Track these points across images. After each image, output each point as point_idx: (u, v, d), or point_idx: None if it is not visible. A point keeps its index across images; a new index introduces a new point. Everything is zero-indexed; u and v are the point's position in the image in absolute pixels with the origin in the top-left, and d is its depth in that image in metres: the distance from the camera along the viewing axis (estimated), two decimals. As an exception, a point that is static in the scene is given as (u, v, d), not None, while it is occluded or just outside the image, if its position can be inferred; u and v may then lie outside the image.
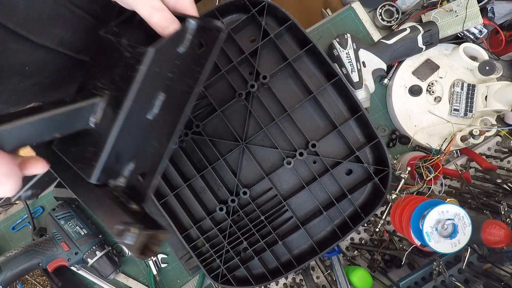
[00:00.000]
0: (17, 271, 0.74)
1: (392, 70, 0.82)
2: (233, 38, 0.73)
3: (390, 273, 0.76)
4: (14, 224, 0.85)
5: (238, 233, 0.74)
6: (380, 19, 0.83)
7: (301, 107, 0.75)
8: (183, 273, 0.84)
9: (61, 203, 0.80)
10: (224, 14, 0.75)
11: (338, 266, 0.73)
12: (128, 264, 0.85)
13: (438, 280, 0.63)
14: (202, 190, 0.78)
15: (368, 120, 0.71)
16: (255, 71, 0.73)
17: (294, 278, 0.81)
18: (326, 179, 0.75)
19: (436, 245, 0.53)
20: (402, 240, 0.75)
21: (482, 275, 0.59)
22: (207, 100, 0.75)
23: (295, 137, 0.75)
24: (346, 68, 0.75)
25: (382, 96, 0.84)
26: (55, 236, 0.77)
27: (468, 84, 0.76)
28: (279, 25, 0.74)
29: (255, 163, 0.74)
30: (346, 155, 0.76)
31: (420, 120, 0.79)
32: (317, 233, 0.77)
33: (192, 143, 0.75)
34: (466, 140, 0.74)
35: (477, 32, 0.78)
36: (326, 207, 0.74)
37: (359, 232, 0.81)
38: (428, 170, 0.68)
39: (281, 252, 0.77)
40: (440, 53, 0.79)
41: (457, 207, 0.52)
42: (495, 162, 0.79)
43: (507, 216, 0.60)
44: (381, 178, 0.72)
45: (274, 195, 0.76)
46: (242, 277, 0.76)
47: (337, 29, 0.85)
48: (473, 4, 0.74)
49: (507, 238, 0.52)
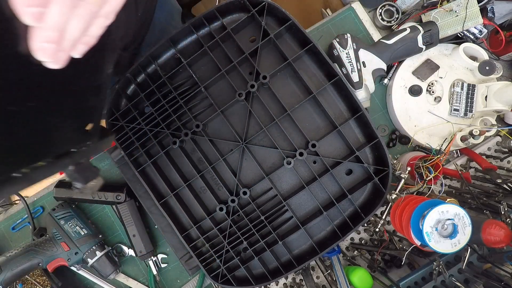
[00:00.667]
0: (17, 271, 0.74)
1: (392, 70, 0.82)
2: (233, 38, 0.73)
3: (390, 273, 0.76)
4: (14, 224, 0.85)
5: (238, 233, 0.74)
6: (380, 19, 0.83)
7: (301, 107, 0.75)
8: (183, 273, 0.84)
9: (61, 203, 0.80)
10: (224, 14, 0.75)
11: (338, 266, 0.73)
12: (128, 264, 0.85)
13: (438, 280, 0.63)
14: (202, 190, 0.78)
15: (368, 120, 0.71)
16: (255, 71, 0.73)
17: (294, 278, 0.81)
18: (326, 179, 0.75)
19: (436, 245, 0.53)
20: (402, 240, 0.75)
21: (482, 275, 0.59)
22: (207, 100, 0.75)
23: (295, 137, 0.75)
24: (346, 68, 0.76)
25: (382, 96, 0.84)
26: (55, 236, 0.77)
27: (468, 84, 0.76)
28: (279, 25, 0.74)
29: (255, 163, 0.74)
30: (346, 155, 0.76)
31: (420, 120, 0.79)
32: (317, 233, 0.76)
33: (192, 143, 0.75)
34: (466, 140, 0.74)
35: (477, 32, 0.78)
36: (326, 207, 0.74)
37: (359, 232, 0.81)
38: (428, 170, 0.68)
39: (281, 252, 0.77)
40: (440, 53, 0.79)
41: (457, 207, 0.52)
42: (495, 162, 0.79)
43: (507, 216, 0.60)
44: (381, 178, 0.72)
45: (274, 195, 0.76)
46: (242, 277, 0.76)
47: (337, 29, 0.85)
48: (473, 4, 0.74)
49: (507, 238, 0.52)
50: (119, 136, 0.75)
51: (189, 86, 0.76)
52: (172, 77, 0.77)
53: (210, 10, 0.72)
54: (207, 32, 0.76)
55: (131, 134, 0.75)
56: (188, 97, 0.74)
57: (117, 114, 0.75)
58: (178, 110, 0.75)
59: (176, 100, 0.74)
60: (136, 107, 0.77)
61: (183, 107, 0.74)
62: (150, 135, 0.75)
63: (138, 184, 0.78)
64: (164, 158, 0.75)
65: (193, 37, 0.77)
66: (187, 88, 0.76)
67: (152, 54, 0.75)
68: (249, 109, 0.74)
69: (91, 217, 0.85)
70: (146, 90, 0.75)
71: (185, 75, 0.77)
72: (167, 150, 0.76)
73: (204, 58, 0.77)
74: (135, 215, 0.80)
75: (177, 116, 0.74)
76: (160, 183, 0.76)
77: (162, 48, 0.75)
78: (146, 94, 0.75)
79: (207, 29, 0.76)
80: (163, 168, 0.78)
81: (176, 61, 0.76)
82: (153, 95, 0.75)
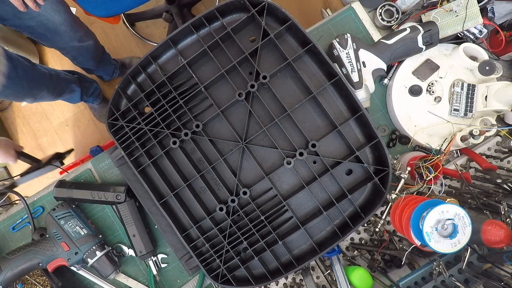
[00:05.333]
0: (17, 271, 0.74)
1: (392, 70, 0.82)
2: (233, 38, 0.73)
3: (390, 273, 0.76)
4: (14, 224, 0.85)
5: (238, 233, 0.74)
6: (380, 19, 0.83)
7: (301, 107, 0.75)
8: (183, 273, 0.84)
9: (61, 203, 0.80)
10: (224, 14, 0.75)
11: (338, 266, 0.73)
12: (128, 264, 0.85)
13: (438, 280, 0.63)
14: (202, 190, 0.78)
15: (368, 120, 0.71)
16: (255, 71, 0.73)
17: (294, 278, 0.81)
18: (326, 179, 0.75)
19: (436, 245, 0.53)
20: (402, 240, 0.75)
21: (482, 275, 0.59)
22: (207, 100, 0.75)
23: (295, 137, 0.75)
24: (346, 68, 0.76)
25: (382, 96, 0.84)
26: (55, 236, 0.77)
27: (468, 84, 0.76)
28: (279, 25, 0.74)
29: (255, 163, 0.74)
30: (346, 155, 0.76)
31: (420, 120, 0.79)
32: (317, 233, 0.76)
33: (192, 143, 0.75)
34: (466, 140, 0.74)
35: (477, 32, 0.78)
36: (326, 207, 0.74)
37: (359, 232, 0.81)
38: (428, 170, 0.68)
39: (281, 252, 0.77)
40: (440, 53, 0.79)
41: (457, 207, 0.52)
42: (495, 162, 0.79)
43: (507, 216, 0.60)
44: (381, 178, 0.72)
45: (274, 195, 0.76)
46: (242, 277, 0.76)
47: (337, 29, 0.85)
48: (473, 4, 0.74)
49: (507, 238, 0.52)
50: (119, 136, 0.75)
51: (189, 86, 0.76)
52: (172, 77, 0.77)
53: (210, 10, 0.72)
54: (207, 32, 0.76)
55: (131, 134, 0.75)
56: (188, 97, 0.74)
57: (117, 114, 0.75)
58: (178, 110, 0.75)
59: (176, 100, 0.74)
60: (136, 107, 0.77)
61: (183, 107, 0.74)
62: (150, 135, 0.75)
63: (138, 184, 0.78)
64: (164, 158, 0.75)
65: (193, 37, 0.77)
66: (187, 88, 0.75)
67: (152, 54, 0.75)
68: (249, 109, 0.74)
69: (91, 217, 0.85)
70: (146, 90, 0.75)
71: (185, 75, 0.77)
72: (167, 150, 0.76)
73: (204, 58, 0.77)
74: (135, 215, 0.80)
75: (177, 116, 0.74)
76: (160, 183, 0.76)
77: (162, 48, 0.75)
78: (146, 94, 0.75)
79: (207, 29, 0.76)
80: (163, 168, 0.78)
81: (176, 61, 0.76)
82: (153, 95, 0.75)
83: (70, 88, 1.34)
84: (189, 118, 0.75)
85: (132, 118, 0.76)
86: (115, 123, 0.76)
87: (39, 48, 1.78)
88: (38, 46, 1.77)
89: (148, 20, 1.75)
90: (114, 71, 1.62)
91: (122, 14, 1.68)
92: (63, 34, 1.10)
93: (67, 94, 1.35)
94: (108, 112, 0.76)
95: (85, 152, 1.69)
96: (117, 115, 0.75)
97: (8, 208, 0.88)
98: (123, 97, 0.77)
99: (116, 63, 1.62)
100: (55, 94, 1.26)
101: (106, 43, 1.76)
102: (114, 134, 0.76)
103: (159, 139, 0.76)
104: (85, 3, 1.07)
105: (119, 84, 0.75)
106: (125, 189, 0.79)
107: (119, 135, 0.75)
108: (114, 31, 1.79)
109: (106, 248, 0.80)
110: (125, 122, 0.75)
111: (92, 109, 1.72)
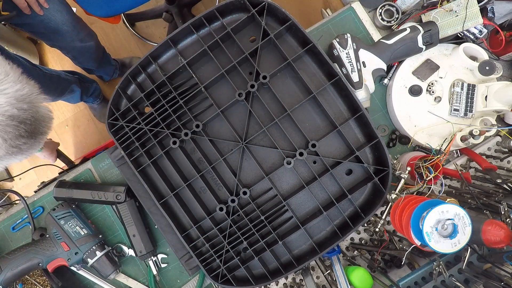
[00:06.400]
0: (17, 271, 0.74)
1: (392, 70, 0.82)
2: (233, 38, 0.73)
3: (390, 273, 0.76)
4: (14, 224, 0.85)
5: (238, 233, 0.74)
6: (380, 19, 0.83)
7: (301, 107, 0.75)
8: (183, 273, 0.84)
9: (61, 203, 0.80)
10: (224, 14, 0.75)
11: (338, 266, 0.73)
12: (128, 264, 0.85)
13: (438, 280, 0.63)
14: (202, 190, 0.78)
15: (368, 120, 0.71)
16: (255, 71, 0.73)
17: (294, 278, 0.81)
18: (326, 179, 0.75)
19: (436, 245, 0.53)
20: (402, 240, 0.75)
21: (482, 275, 0.59)
22: (207, 100, 0.75)
23: (295, 137, 0.75)
24: (346, 68, 0.76)
25: (382, 96, 0.84)
26: (55, 236, 0.77)
27: (468, 84, 0.76)
28: (279, 25, 0.74)
29: (255, 163, 0.74)
30: (346, 155, 0.76)
31: (420, 120, 0.79)
32: (317, 233, 0.76)
33: (192, 143, 0.75)
34: (466, 140, 0.74)
35: (477, 32, 0.78)
36: (326, 207, 0.74)
37: (359, 232, 0.81)
38: (428, 170, 0.68)
39: (281, 252, 0.77)
40: (440, 53, 0.79)
41: (457, 207, 0.52)
42: (495, 162, 0.79)
43: (507, 216, 0.60)
44: (381, 178, 0.72)
45: (274, 195, 0.76)
46: (242, 277, 0.76)
47: (337, 29, 0.85)
48: (473, 4, 0.74)
49: (507, 238, 0.52)
50: (119, 136, 0.75)
51: (189, 86, 0.76)
52: (172, 77, 0.77)
53: (210, 10, 0.72)
54: (207, 32, 0.76)
55: (131, 134, 0.75)
56: (188, 97, 0.74)
57: (117, 114, 0.75)
58: (178, 110, 0.75)
59: (176, 100, 0.74)
60: (136, 107, 0.77)
61: (183, 107, 0.74)
62: (150, 135, 0.75)
63: (138, 184, 0.78)
64: (164, 158, 0.75)
65: (193, 37, 0.77)
66: (187, 88, 0.75)
67: (152, 54, 0.75)
68: (249, 109, 0.74)
69: (91, 217, 0.85)
70: (146, 90, 0.75)
71: (185, 75, 0.77)
72: (167, 150, 0.76)
73: (204, 58, 0.77)
74: (135, 215, 0.80)
75: (177, 116, 0.74)
76: (160, 183, 0.76)
77: (162, 48, 0.76)
78: (146, 94, 0.75)
79: (207, 29, 0.76)
80: (163, 168, 0.78)
81: (176, 61, 0.76)
82: (153, 95, 0.75)
83: (70, 88, 1.34)
84: (189, 118, 0.75)
85: (132, 118, 0.76)
86: (115, 123, 0.76)
87: (39, 48, 1.78)
88: (38, 47, 1.77)
89: (148, 20, 1.75)
90: (114, 71, 1.62)
91: (122, 14, 1.68)
92: (65, 34, 1.10)
93: (67, 95, 1.35)
94: (108, 112, 0.76)
95: (85, 152, 1.69)
96: (117, 115, 0.75)
97: (8, 208, 0.88)
98: (123, 97, 0.77)
99: (116, 63, 1.62)
100: (55, 95, 1.27)
101: (106, 43, 1.76)
102: (114, 134, 0.76)
103: (159, 139, 0.76)
104: (85, 3, 1.07)
105: (119, 84, 0.75)
106: (125, 189, 0.79)
107: (119, 135, 0.75)
108: (114, 31, 1.79)
109: (106, 248, 0.80)
110: (125, 122, 0.75)
111: (92, 109, 1.72)
